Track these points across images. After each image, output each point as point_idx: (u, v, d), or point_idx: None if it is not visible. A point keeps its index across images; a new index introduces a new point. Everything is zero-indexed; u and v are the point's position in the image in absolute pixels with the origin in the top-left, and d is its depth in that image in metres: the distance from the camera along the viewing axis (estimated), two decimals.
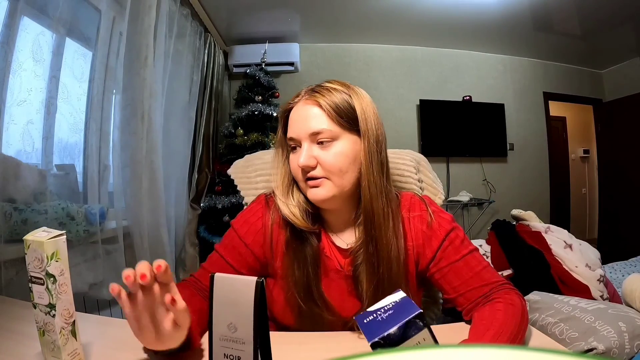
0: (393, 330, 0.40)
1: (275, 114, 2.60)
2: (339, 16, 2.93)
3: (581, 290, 1.59)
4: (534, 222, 1.96)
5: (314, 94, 0.69)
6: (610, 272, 2.07)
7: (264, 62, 2.89)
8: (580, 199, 4.90)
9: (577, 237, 1.85)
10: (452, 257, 0.70)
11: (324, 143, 0.67)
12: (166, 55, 2.03)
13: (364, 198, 0.68)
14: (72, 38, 1.56)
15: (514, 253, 1.87)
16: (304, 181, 0.69)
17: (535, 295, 1.36)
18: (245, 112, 2.58)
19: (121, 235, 1.59)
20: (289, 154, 0.72)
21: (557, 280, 1.67)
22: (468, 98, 3.58)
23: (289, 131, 0.70)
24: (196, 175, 2.67)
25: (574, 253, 1.73)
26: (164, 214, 1.81)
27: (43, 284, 0.52)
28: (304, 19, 3.00)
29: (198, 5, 2.55)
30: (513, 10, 2.75)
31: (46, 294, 0.52)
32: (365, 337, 0.40)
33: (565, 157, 4.77)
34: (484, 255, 0.75)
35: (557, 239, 1.80)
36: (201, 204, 2.63)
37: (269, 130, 2.63)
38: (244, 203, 1.00)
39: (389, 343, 0.39)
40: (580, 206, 4.82)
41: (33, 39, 1.30)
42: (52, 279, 0.52)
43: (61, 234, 0.54)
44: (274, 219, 0.74)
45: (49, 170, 1.33)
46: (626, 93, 3.79)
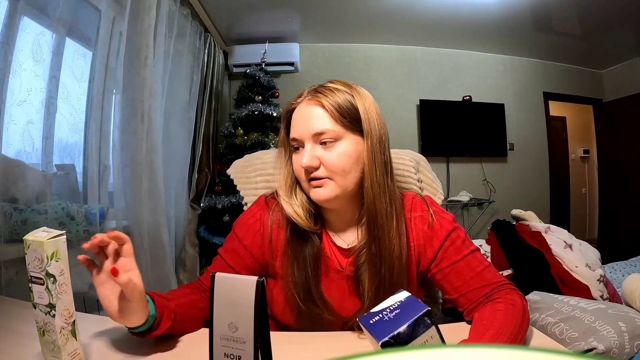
0: (403, 328, 0.40)
1: (275, 114, 2.60)
2: (339, 16, 2.93)
3: (581, 290, 1.59)
4: (534, 222, 1.96)
5: (317, 94, 0.69)
6: (610, 272, 2.07)
7: (264, 62, 2.89)
8: (580, 199, 4.90)
9: (577, 237, 1.85)
10: (454, 258, 0.70)
11: (327, 143, 0.67)
12: (166, 55, 2.03)
13: (367, 198, 0.68)
14: (72, 38, 1.55)
15: (514, 253, 1.86)
16: (307, 181, 0.69)
17: (535, 295, 1.36)
18: (245, 112, 2.58)
19: None
20: (291, 154, 0.72)
21: (557, 280, 1.67)
22: (468, 98, 3.57)
23: (291, 132, 0.70)
24: (196, 175, 2.67)
25: (574, 253, 1.73)
26: (164, 214, 1.80)
27: (43, 284, 0.52)
28: (304, 19, 3.00)
29: (198, 5, 2.54)
30: (513, 10, 2.75)
31: (46, 294, 0.52)
32: (374, 338, 0.40)
33: (565, 157, 4.76)
34: (484, 255, 0.75)
35: (557, 239, 1.80)
36: (201, 204, 2.63)
37: (269, 130, 2.63)
38: (244, 203, 1.00)
39: (398, 342, 0.39)
40: (580, 206, 4.82)
41: (33, 39, 1.30)
42: (52, 279, 0.52)
43: (61, 234, 0.54)
44: (274, 219, 0.74)
45: (51, 172, 1.33)
46: (626, 93, 3.79)
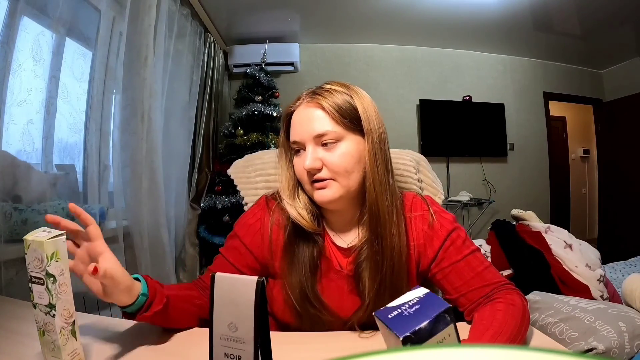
0: (424, 324, 0.40)
1: (275, 114, 2.60)
2: (339, 16, 2.93)
3: (581, 290, 1.59)
4: (534, 222, 1.96)
5: (316, 96, 0.69)
6: (610, 272, 2.07)
7: (264, 62, 2.89)
8: (580, 199, 4.89)
9: (577, 237, 1.85)
10: (454, 257, 0.70)
11: (329, 145, 0.67)
12: (166, 55, 2.03)
13: (369, 196, 0.68)
14: (72, 38, 1.55)
15: (514, 253, 1.86)
16: (309, 183, 0.69)
17: (535, 295, 1.36)
18: (245, 112, 2.58)
19: (121, 235, 1.59)
20: (292, 157, 0.72)
21: (557, 280, 1.67)
22: (468, 98, 3.57)
23: (292, 134, 0.70)
24: (196, 175, 2.67)
25: (574, 253, 1.73)
26: (164, 214, 1.80)
27: (43, 284, 0.52)
28: (304, 19, 3.00)
29: (198, 5, 2.54)
30: (513, 10, 2.75)
31: (46, 294, 0.52)
32: (394, 332, 0.40)
33: (565, 157, 4.76)
34: (484, 255, 0.75)
35: (557, 238, 1.80)
36: (201, 204, 2.63)
37: (269, 130, 2.63)
38: (244, 203, 1.00)
39: (419, 337, 0.39)
40: (580, 206, 4.81)
41: (33, 38, 1.30)
42: (52, 279, 0.52)
43: (61, 234, 0.54)
44: (274, 219, 0.74)
45: (52, 172, 1.33)
46: (626, 93, 3.79)
